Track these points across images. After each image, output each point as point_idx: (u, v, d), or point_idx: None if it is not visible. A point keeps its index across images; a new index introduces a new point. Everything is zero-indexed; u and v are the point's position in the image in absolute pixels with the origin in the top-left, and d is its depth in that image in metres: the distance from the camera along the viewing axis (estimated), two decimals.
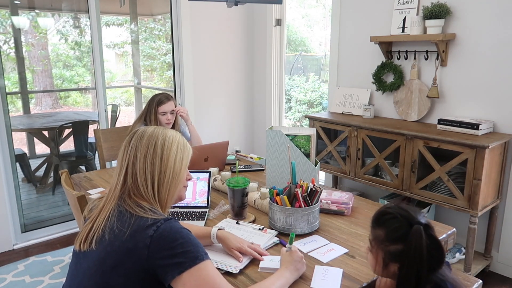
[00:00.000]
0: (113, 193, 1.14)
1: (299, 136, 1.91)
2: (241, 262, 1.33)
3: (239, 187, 1.64)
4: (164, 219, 1.07)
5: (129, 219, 1.07)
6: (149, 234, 1.03)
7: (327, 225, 1.65)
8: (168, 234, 1.03)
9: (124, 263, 1.02)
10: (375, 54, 3.09)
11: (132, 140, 1.18)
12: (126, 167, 1.15)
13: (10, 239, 2.99)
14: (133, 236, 1.03)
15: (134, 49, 6.13)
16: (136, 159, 1.14)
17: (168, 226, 1.05)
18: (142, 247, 1.02)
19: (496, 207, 2.54)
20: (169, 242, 1.02)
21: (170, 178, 1.16)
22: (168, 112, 2.64)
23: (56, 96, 6.19)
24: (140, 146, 1.15)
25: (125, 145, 1.18)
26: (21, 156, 3.92)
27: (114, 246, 1.04)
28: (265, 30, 4.02)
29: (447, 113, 2.76)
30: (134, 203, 1.11)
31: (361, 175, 2.90)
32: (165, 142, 1.17)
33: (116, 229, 1.06)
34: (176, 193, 1.20)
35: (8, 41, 4.16)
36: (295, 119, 6.28)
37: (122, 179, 1.14)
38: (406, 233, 1.05)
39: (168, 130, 1.21)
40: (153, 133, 1.18)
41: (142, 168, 1.13)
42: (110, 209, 1.11)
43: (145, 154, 1.14)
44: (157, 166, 1.14)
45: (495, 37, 2.48)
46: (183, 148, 1.20)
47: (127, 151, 1.17)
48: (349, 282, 1.26)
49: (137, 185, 1.13)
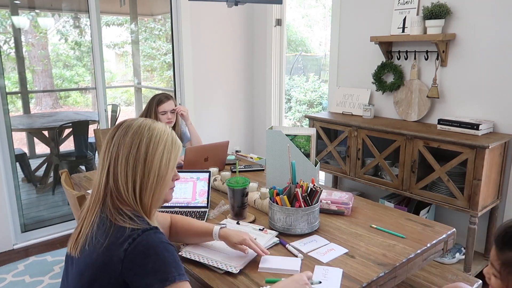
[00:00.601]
0: (97, 193, 1.07)
1: (299, 136, 1.91)
2: (246, 254, 1.32)
3: (239, 187, 1.64)
4: (142, 230, 0.99)
5: (108, 228, 1.01)
6: (123, 247, 0.96)
7: (327, 225, 1.65)
8: (143, 248, 0.96)
9: (101, 277, 0.98)
10: (375, 54, 3.09)
11: (115, 135, 1.07)
12: (108, 167, 1.05)
13: (10, 239, 2.99)
14: (109, 249, 0.98)
15: (134, 49, 6.13)
16: (118, 158, 1.04)
17: (145, 238, 0.98)
18: (117, 261, 0.96)
19: (496, 207, 2.54)
20: (142, 258, 0.96)
21: (154, 182, 1.06)
22: (168, 112, 2.64)
23: (56, 96, 6.19)
24: (123, 144, 1.05)
25: (108, 140, 1.08)
26: (21, 156, 3.92)
27: (92, 258, 0.99)
28: (265, 30, 4.01)
29: (447, 113, 2.76)
30: (115, 209, 1.04)
31: (361, 175, 2.90)
32: (150, 142, 1.06)
33: (96, 239, 1.00)
34: (162, 197, 1.12)
35: (8, 41, 4.15)
36: (295, 119, 6.28)
37: (105, 179, 1.06)
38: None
39: (156, 126, 1.10)
40: (139, 130, 1.07)
41: (123, 170, 1.04)
42: (95, 213, 1.05)
43: (128, 154, 1.04)
44: (140, 169, 1.04)
45: (495, 37, 2.48)
46: (170, 148, 1.10)
47: (109, 147, 1.06)
48: (349, 282, 1.26)
49: (118, 187, 1.04)
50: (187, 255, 1.38)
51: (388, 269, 1.32)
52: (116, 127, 1.09)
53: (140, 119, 1.11)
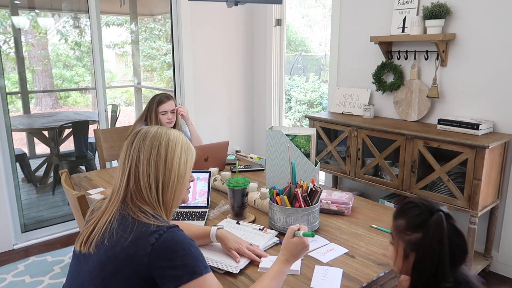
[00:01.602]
0: (116, 196, 1.11)
1: (299, 136, 1.91)
2: (237, 263, 1.32)
3: (239, 187, 1.64)
4: (167, 226, 1.04)
5: (131, 224, 1.04)
6: (150, 242, 1.00)
7: (327, 225, 1.65)
8: (170, 244, 1.01)
9: (124, 269, 1.00)
10: (375, 54, 3.09)
11: (135, 140, 1.13)
12: (129, 169, 1.10)
13: (10, 239, 2.99)
14: (135, 243, 1.01)
15: (134, 49, 6.13)
16: (139, 161, 1.10)
17: (171, 235, 1.02)
18: (143, 254, 0.99)
19: (496, 207, 2.54)
20: (170, 252, 1.00)
21: (175, 181, 1.12)
22: (169, 112, 2.64)
23: (56, 96, 6.19)
24: (143, 148, 1.11)
25: (127, 145, 1.14)
26: (21, 156, 3.92)
27: (115, 252, 1.02)
28: (265, 30, 4.02)
29: (447, 113, 2.76)
30: (137, 208, 1.08)
31: (361, 175, 2.90)
32: (169, 144, 1.12)
33: (118, 234, 1.03)
34: (181, 197, 1.18)
35: (8, 41, 4.16)
36: (295, 119, 6.28)
37: (125, 181, 1.10)
38: (426, 220, 1.03)
39: (171, 131, 1.17)
40: (157, 134, 1.13)
41: (145, 170, 1.09)
42: (113, 212, 1.08)
43: (149, 156, 1.10)
44: (161, 169, 1.10)
45: (495, 37, 2.48)
46: (187, 150, 1.16)
47: (129, 152, 1.12)
48: (349, 282, 1.26)
49: (139, 188, 1.09)
50: None
51: (388, 269, 1.32)
52: (134, 134, 1.16)
53: (155, 127, 1.17)
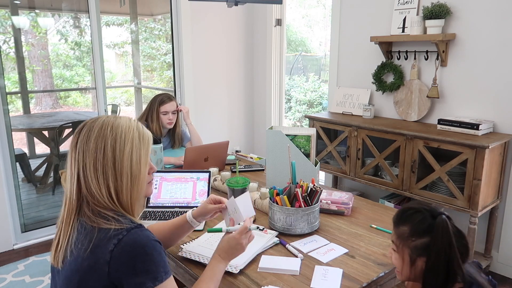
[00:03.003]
0: (70, 203, 1.02)
1: (299, 136, 1.91)
2: (224, 206, 1.28)
3: (239, 187, 1.64)
4: (127, 229, 0.96)
5: (90, 232, 0.97)
6: (109, 249, 0.94)
7: (327, 225, 1.65)
8: (130, 248, 0.94)
9: (87, 281, 0.95)
10: (375, 54, 3.09)
11: (78, 142, 1.01)
12: (77, 175, 1.00)
13: (10, 239, 2.99)
14: (94, 252, 0.95)
15: (134, 49, 6.13)
16: (86, 166, 0.99)
17: (132, 238, 0.95)
18: (103, 263, 0.94)
19: (496, 207, 2.54)
20: (130, 259, 0.94)
21: (129, 183, 1.02)
22: (170, 112, 2.65)
23: (56, 96, 6.19)
24: (87, 151, 0.99)
25: (71, 148, 1.02)
26: (21, 156, 3.92)
27: (77, 264, 0.96)
28: (265, 30, 4.02)
29: (447, 113, 2.76)
30: (94, 213, 0.99)
31: (361, 175, 2.90)
32: (116, 143, 1.00)
33: (78, 245, 0.97)
34: (141, 195, 1.08)
35: (8, 41, 4.16)
36: (295, 119, 6.28)
37: (76, 187, 1.01)
38: (431, 225, 1.06)
39: (119, 123, 1.03)
40: (101, 132, 1.00)
41: (94, 177, 0.99)
42: (71, 223, 1.01)
43: (94, 160, 0.98)
44: (110, 174, 0.99)
45: (495, 37, 2.48)
46: (139, 144, 1.04)
47: (74, 156, 1.01)
48: (349, 282, 1.26)
49: (92, 194, 0.99)
50: (187, 255, 1.38)
51: (388, 269, 1.32)
52: (77, 132, 1.03)
53: (101, 117, 1.04)
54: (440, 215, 1.06)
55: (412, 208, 1.11)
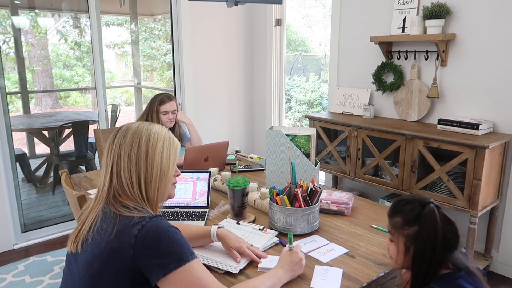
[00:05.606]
0: (101, 194, 1.11)
1: (299, 136, 1.91)
2: (238, 263, 1.32)
3: (239, 187, 1.64)
4: (150, 217, 1.04)
5: (113, 219, 1.04)
6: (133, 233, 1.00)
7: (327, 225, 1.65)
8: (154, 233, 1.00)
9: (111, 265, 1.00)
10: (375, 54, 3.09)
11: (116, 138, 1.13)
12: (111, 167, 1.10)
13: (10, 239, 2.99)
14: (118, 237, 1.01)
15: (134, 49, 6.13)
16: (120, 158, 1.10)
17: (154, 224, 1.02)
18: (127, 247, 0.99)
19: (496, 207, 2.54)
20: (154, 242, 1.00)
21: (158, 176, 1.11)
22: (170, 112, 2.65)
23: (56, 96, 6.19)
24: (124, 144, 1.11)
25: (109, 143, 1.13)
26: (21, 156, 3.92)
27: (100, 248, 1.02)
28: (265, 30, 4.02)
29: (447, 113, 2.76)
30: (118, 203, 1.08)
31: (361, 175, 2.90)
32: (150, 139, 1.12)
33: (102, 230, 1.03)
34: (166, 192, 1.17)
35: (8, 41, 4.16)
36: (295, 119, 6.29)
37: (108, 179, 1.11)
38: (420, 213, 1.12)
39: (153, 126, 1.16)
40: (137, 130, 1.13)
41: (126, 167, 1.09)
42: (97, 210, 1.08)
43: (129, 152, 1.10)
44: (142, 164, 1.09)
45: (495, 37, 2.48)
46: (169, 145, 1.15)
47: (111, 150, 1.12)
48: (349, 282, 1.26)
49: (121, 184, 1.09)
50: None
51: (388, 269, 1.32)
52: (116, 130, 1.15)
53: (137, 122, 1.16)
54: (428, 204, 1.13)
55: (403, 199, 1.19)
